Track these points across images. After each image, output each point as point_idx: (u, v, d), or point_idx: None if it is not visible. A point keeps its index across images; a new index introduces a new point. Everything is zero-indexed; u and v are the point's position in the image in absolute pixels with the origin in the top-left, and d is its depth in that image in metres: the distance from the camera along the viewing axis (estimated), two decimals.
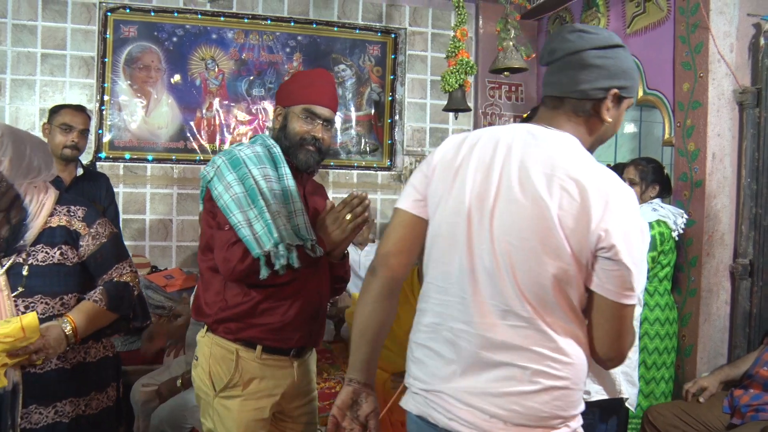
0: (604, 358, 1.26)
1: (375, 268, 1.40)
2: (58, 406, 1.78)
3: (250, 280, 1.71)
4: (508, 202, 1.23)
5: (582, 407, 1.29)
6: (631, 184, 2.87)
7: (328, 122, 1.86)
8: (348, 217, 1.77)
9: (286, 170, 1.79)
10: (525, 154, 1.25)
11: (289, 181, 1.78)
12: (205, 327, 1.82)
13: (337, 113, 4.01)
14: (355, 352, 1.41)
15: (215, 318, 1.77)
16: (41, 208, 1.77)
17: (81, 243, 1.81)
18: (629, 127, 5.11)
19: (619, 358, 1.27)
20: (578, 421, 1.28)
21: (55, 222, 1.79)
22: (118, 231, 1.98)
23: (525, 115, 3.07)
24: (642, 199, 2.88)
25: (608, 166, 4.17)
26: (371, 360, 1.41)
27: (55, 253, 1.77)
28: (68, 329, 1.73)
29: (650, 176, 2.91)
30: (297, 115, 1.83)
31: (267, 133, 2.03)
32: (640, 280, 1.19)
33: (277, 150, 1.82)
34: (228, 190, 1.70)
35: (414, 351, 1.37)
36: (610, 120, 1.31)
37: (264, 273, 1.63)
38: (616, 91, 1.29)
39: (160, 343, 3.06)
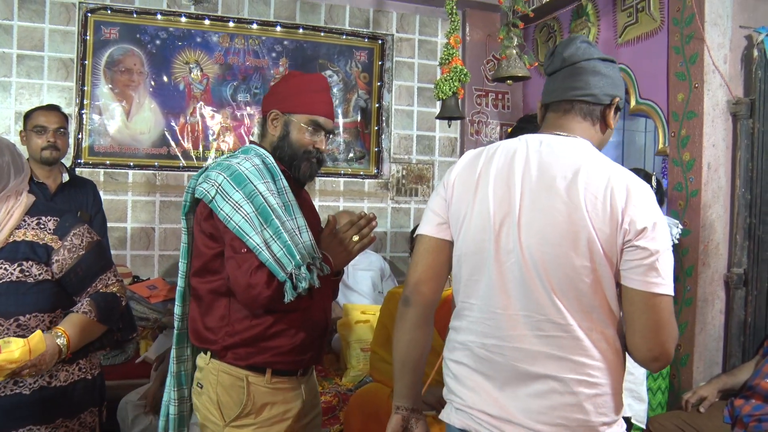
0: (647, 356, 1.25)
1: (408, 298, 1.40)
2: None
3: (275, 307, 1.64)
4: (535, 211, 1.25)
5: (623, 410, 1.30)
6: None
7: (329, 134, 1.83)
8: (355, 238, 1.72)
9: (284, 183, 1.72)
10: (544, 162, 1.28)
11: (290, 195, 1.71)
12: (209, 353, 1.73)
13: None
14: (399, 380, 1.42)
15: (223, 344, 1.69)
16: (8, 218, 1.64)
17: (55, 258, 1.69)
18: (611, 137, 5.16)
19: (664, 356, 1.24)
20: (621, 426, 1.28)
21: (20, 236, 1.66)
22: (101, 239, 1.84)
23: (510, 130, 2.95)
24: None
25: None
26: (416, 385, 1.43)
27: (14, 270, 1.64)
28: (62, 342, 1.62)
29: None
30: (302, 125, 1.76)
31: (253, 137, 1.94)
32: (668, 266, 1.21)
33: (270, 161, 1.73)
34: (238, 210, 1.60)
35: (451, 368, 1.38)
36: (613, 126, 1.37)
37: (290, 296, 1.57)
38: (618, 98, 1.37)
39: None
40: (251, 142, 1.87)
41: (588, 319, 1.22)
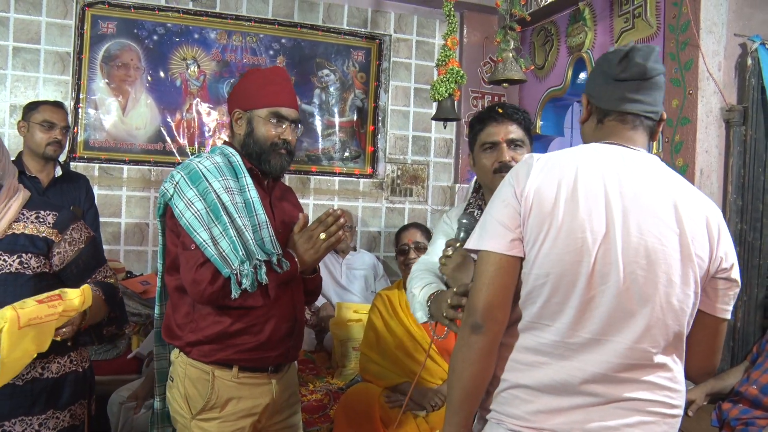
0: (701, 373, 1.35)
1: (480, 325, 1.23)
2: (6, 426, 1.65)
3: (221, 302, 1.65)
4: (641, 234, 1.19)
5: None
6: None
7: (295, 123, 1.83)
8: (322, 236, 1.72)
9: (247, 180, 1.73)
10: (635, 181, 1.23)
11: (252, 192, 1.72)
12: (178, 348, 1.77)
13: (320, 119, 4.05)
14: (458, 411, 1.29)
15: (187, 341, 1.72)
16: (6, 210, 1.65)
17: (56, 251, 1.72)
18: None
19: (712, 371, 1.36)
20: None
21: (19, 228, 1.67)
22: (95, 235, 1.89)
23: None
24: None
25: None
26: (473, 416, 1.33)
27: (13, 261, 1.65)
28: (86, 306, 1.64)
29: None
30: (263, 119, 1.77)
31: (225, 139, 1.95)
32: None
33: (236, 159, 1.75)
34: (189, 207, 1.63)
35: (509, 389, 1.28)
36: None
37: (235, 292, 1.59)
38: (663, 113, 1.35)
39: None
40: (224, 142, 1.89)
41: (672, 345, 1.23)
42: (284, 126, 1.79)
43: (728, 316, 1.30)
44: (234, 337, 1.70)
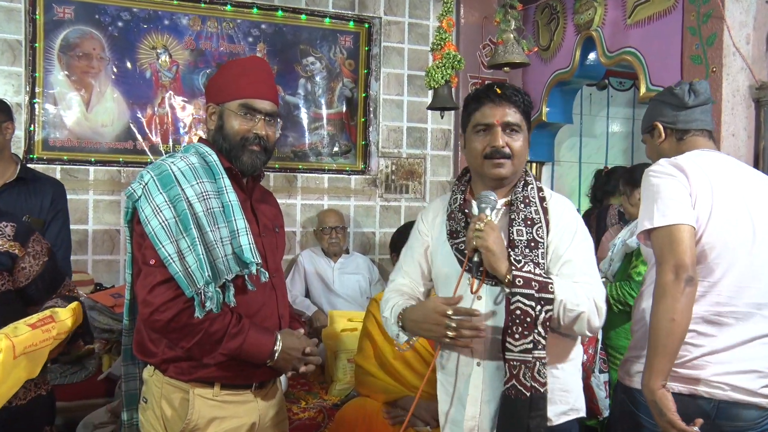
0: None
1: (692, 277, 1.61)
2: None
3: (169, 335, 1.64)
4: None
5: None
6: None
7: (271, 116, 1.79)
8: (303, 369, 1.75)
9: (225, 182, 1.70)
10: (749, 174, 1.85)
11: (230, 195, 1.69)
12: (152, 366, 1.73)
13: (306, 111, 3.98)
14: (672, 357, 1.61)
15: (163, 357, 1.69)
16: None
17: (21, 266, 1.69)
18: (619, 126, 5.12)
19: None
20: None
21: None
22: (49, 245, 1.86)
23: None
24: None
25: (604, 169, 4.09)
26: None
27: None
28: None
29: None
30: (234, 112, 1.75)
31: (202, 136, 1.96)
32: None
33: (212, 158, 1.73)
34: (157, 214, 1.60)
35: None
36: None
37: (199, 313, 1.57)
38: None
39: None
40: (200, 139, 1.86)
41: None
42: (257, 119, 1.76)
43: None
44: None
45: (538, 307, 1.49)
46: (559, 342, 1.64)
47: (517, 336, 1.50)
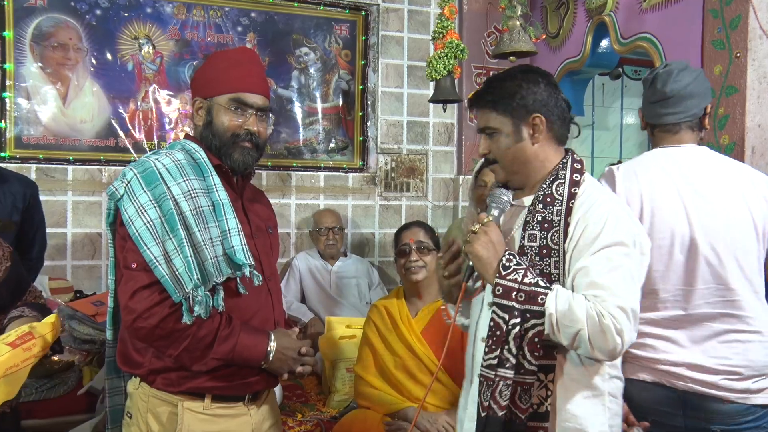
0: None
1: None
2: None
3: (155, 343, 1.60)
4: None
5: None
6: None
7: (263, 111, 1.79)
8: (299, 369, 1.74)
9: (215, 179, 1.69)
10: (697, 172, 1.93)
11: (221, 193, 1.67)
12: (138, 378, 1.70)
13: (300, 105, 3.93)
14: None
15: (150, 368, 1.66)
16: None
17: None
18: (635, 118, 5.14)
19: None
20: None
21: None
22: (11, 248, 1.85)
23: None
24: None
25: (618, 162, 3.94)
26: None
27: None
28: None
29: None
30: (224, 107, 1.74)
31: (189, 132, 1.95)
32: None
33: (200, 155, 1.72)
34: (141, 214, 1.58)
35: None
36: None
37: (187, 319, 1.55)
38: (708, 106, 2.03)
39: None
40: (186, 135, 1.87)
41: None
42: (248, 114, 1.75)
43: None
44: None
45: (513, 321, 1.39)
46: (573, 369, 1.49)
47: (486, 349, 1.43)
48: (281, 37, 3.92)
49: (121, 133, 3.66)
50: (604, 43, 3.59)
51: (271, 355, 1.65)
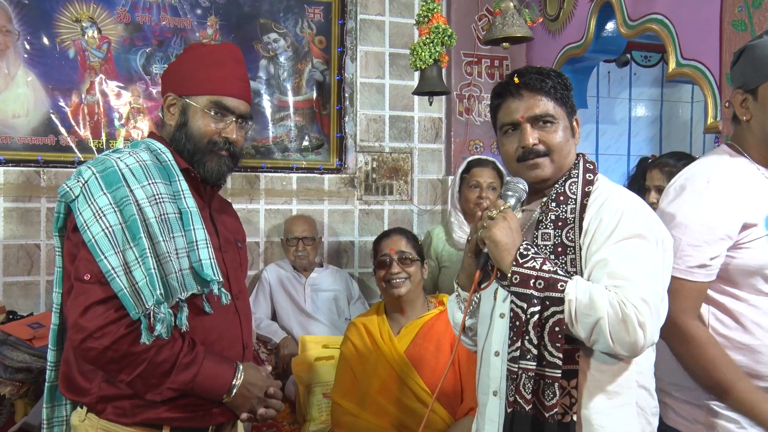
0: None
1: None
2: None
3: (106, 366, 1.56)
4: None
5: None
6: (660, 192, 2.79)
7: (243, 119, 1.80)
8: (262, 411, 1.72)
9: (182, 185, 1.69)
10: None
11: (188, 201, 1.67)
12: (85, 408, 1.67)
13: (269, 99, 4.00)
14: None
15: (99, 395, 1.63)
16: None
17: None
18: (645, 110, 5.15)
19: None
20: None
21: None
22: None
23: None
24: None
25: (651, 157, 3.85)
26: None
27: None
28: None
29: None
30: (202, 109, 1.75)
31: (150, 133, 1.95)
32: None
33: (166, 157, 1.71)
34: (99, 219, 1.55)
35: None
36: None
37: (146, 338, 1.53)
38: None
39: None
40: (150, 134, 1.85)
41: None
42: (228, 121, 1.76)
43: None
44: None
45: (532, 309, 1.44)
46: (597, 373, 1.52)
47: (509, 342, 1.49)
48: (247, 22, 3.87)
49: (62, 130, 3.56)
50: (610, 25, 3.57)
51: (235, 390, 1.64)
